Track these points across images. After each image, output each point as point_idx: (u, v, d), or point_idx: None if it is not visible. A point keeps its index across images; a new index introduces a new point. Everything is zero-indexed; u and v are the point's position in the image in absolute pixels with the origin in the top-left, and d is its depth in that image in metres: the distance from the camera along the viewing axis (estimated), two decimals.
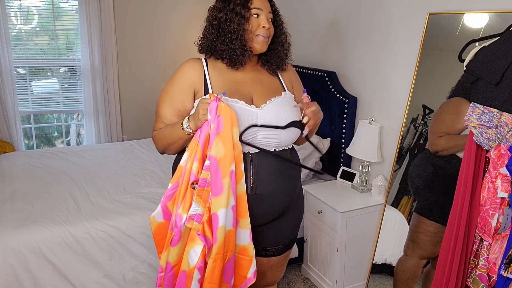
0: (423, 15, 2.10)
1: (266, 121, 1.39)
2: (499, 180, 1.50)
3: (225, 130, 1.27)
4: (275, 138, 1.41)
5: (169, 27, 4.05)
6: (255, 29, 1.40)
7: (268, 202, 1.44)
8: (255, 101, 1.43)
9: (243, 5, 1.38)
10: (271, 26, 1.43)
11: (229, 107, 1.29)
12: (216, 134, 1.27)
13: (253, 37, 1.41)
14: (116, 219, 2.14)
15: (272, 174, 1.43)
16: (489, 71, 1.48)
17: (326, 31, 2.92)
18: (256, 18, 1.40)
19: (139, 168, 2.88)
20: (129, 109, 4.03)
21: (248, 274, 1.41)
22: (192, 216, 1.31)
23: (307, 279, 2.63)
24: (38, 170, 2.77)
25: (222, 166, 1.28)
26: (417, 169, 2.08)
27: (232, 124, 1.29)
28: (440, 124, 1.93)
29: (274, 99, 1.44)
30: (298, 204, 1.60)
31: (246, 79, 1.47)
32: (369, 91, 2.56)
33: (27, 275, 1.94)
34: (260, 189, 1.41)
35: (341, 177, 2.69)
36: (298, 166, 1.53)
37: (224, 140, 1.28)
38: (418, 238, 2.02)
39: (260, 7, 1.40)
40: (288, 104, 1.46)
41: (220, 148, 1.27)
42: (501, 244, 1.52)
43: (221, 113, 1.27)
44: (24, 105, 3.72)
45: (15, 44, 3.59)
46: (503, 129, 1.46)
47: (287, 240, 1.60)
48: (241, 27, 1.38)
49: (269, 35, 1.43)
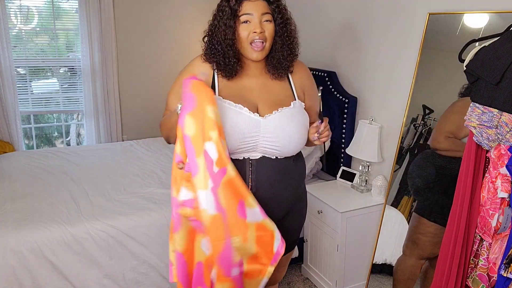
0: (423, 15, 2.10)
1: (269, 131, 1.36)
2: (499, 180, 1.50)
3: (197, 108, 1.23)
4: (276, 146, 1.38)
5: (169, 27, 4.05)
6: (246, 36, 1.34)
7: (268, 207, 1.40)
8: (261, 109, 1.39)
9: (231, 14, 1.33)
10: (266, 28, 1.35)
11: (204, 85, 1.25)
12: (187, 112, 1.23)
13: (247, 46, 1.35)
14: (116, 219, 2.14)
15: (273, 181, 1.41)
16: (489, 71, 1.48)
17: (326, 31, 2.92)
18: (247, 24, 1.34)
19: (139, 168, 2.88)
20: (129, 109, 4.03)
21: (274, 249, 1.35)
22: (184, 202, 1.28)
23: (307, 279, 2.63)
24: (38, 170, 2.77)
25: (194, 144, 1.23)
26: (417, 169, 2.07)
27: (206, 102, 1.23)
28: (449, 124, 1.91)
29: (281, 110, 1.39)
30: (300, 206, 1.57)
31: (253, 86, 1.43)
32: (369, 91, 2.56)
33: (27, 275, 1.94)
34: (259, 195, 1.38)
35: (341, 177, 2.69)
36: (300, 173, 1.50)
37: (195, 117, 1.23)
38: (417, 239, 2.02)
39: (250, 12, 1.33)
40: (295, 116, 1.40)
41: (191, 125, 1.23)
42: (501, 244, 1.52)
43: (193, 90, 1.23)
44: (24, 105, 3.72)
45: (15, 44, 3.59)
46: (503, 129, 1.46)
47: (288, 241, 1.52)
48: (229, 37, 1.33)
49: (265, 38, 1.35)
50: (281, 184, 1.43)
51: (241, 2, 1.33)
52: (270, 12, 1.36)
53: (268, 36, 1.36)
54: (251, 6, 1.33)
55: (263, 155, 1.39)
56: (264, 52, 1.37)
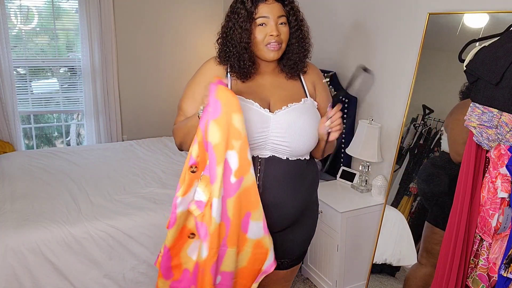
0: (423, 15, 2.10)
1: (278, 127, 1.33)
2: (499, 180, 1.49)
3: (222, 115, 1.21)
4: (286, 146, 1.34)
5: (169, 27, 4.05)
6: (262, 39, 1.33)
7: (275, 211, 1.36)
8: (272, 106, 1.37)
9: (248, 16, 1.31)
10: (282, 31, 1.34)
11: (229, 91, 1.23)
12: (212, 118, 1.22)
13: (263, 47, 1.34)
14: (116, 219, 2.14)
15: (281, 182, 1.36)
16: (489, 71, 1.48)
17: (326, 32, 2.92)
18: (263, 27, 1.32)
19: (139, 168, 2.88)
20: (129, 109, 4.03)
21: (263, 267, 1.35)
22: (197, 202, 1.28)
23: (307, 279, 2.63)
24: (38, 170, 2.77)
25: (217, 152, 1.22)
26: (427, 177, 2.02)
27: (232, 109, 1.22)
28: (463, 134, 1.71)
29: (291, 105, 1.37)
30: (310, 218, 1.51)
31: (265, 83, 1.42)
32: (369, 91, 2.56)
33: (27, 275, 1.94)
34: (266, 196, 1.34)
35: (341, 177, 2.69)
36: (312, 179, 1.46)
37: (220, 125, 1.21)
38: (432, 249, 1.96)
39: (266, 15, 1.31)
40: (305, 112, 1.38)
41: (215, 133, 1.22)
42: (501, 244, 1.52)
43: (219, 97, 1.21)
44: (24, 105, 3.72)
45: (15, 44, 3.59)
46: (503, 129, 1.46)
47: (295, 254, 1.50)
48: (245, 40, 1.32)
49: (281, 41, 1.35)
50: (291, 188, 1.38)
51: (257, 5, 1.31)
52: (285, 15, 1.35)
53: (284, 38, 1.35)
54: (267, 8, 1.31)
55: (273, 154, 1.36)
56: (280, 52, 1.36)
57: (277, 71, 1.44)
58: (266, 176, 1.35)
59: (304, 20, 1.42)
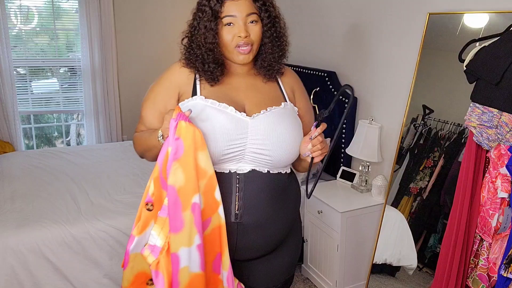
0: (423, 15, 2.10)
1: (258, 133, 1.18)
2: (499, 180, 1.50)
3: (185, 155, 1.07)
4: (266, 155, 1.19)
5: (169, 27, 4.05)
6: (231, 40, 1.18)
7: (257, 233, 1.22)
8: (248, 110, 1.22)
9: (212, 15, 1.17)
10: (252, 31, 1.19)
11: (193, 127, 1.07)
12: (174, 159, 1.07)
13: (232, 50, 1.19)
14: (116, 219, 2.14)
15: (263, 201, 1.21)
16: (489, 71, 1.48)
17: (326, 31, 2.92)
18: (231, 27, 1.18)
19: (139, 168, 2.88)
20: (129, 109, 4.03)
21: None
22: (150, 247, 1.14)
23: (307, 279, 2.63)
24: (38, 170, 2.77)
25: (182, 197, 1.07)
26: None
27: (196, 147, 1.07)
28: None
29: (270, 109, 1.22)
30: (295, 237, 1.36)
31: (240, 86, 1.27)
32: (369, 91, 2.56)
33: (27, 275, 1.94)
34: (246, 217, 1.19)
35: (341, 177, 2.69)
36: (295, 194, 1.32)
37: (184, 166, 1.07)
38: None
39: (233, 13, 1.16)
40: (287, 117, 1.24)
41: (179, 175, 1.07)
42: (501, 244, 1.52)
43: (181, 135, 1.06)
44: (24, 105, 3.73)
45: (15, 44, 3.59)
46: (503, 129, 1.46)
47: (281, 279, 1.34)
48: (210, 41, 1.18)
49: (252, 42, 1.20)
50: (274, 206, 1.23)
51: (224, 2, 1.17)
52: (256, 12, 1.20)
53: (255, 39, 1.21)
54: (235, 6, 1.17)
55: (252, 169, 1.20)
56: (252, 55, 1.22)
57: (253, 72, 1.30)
58: (246, 194, 1.20)
59: (279, 16, 1.26)
